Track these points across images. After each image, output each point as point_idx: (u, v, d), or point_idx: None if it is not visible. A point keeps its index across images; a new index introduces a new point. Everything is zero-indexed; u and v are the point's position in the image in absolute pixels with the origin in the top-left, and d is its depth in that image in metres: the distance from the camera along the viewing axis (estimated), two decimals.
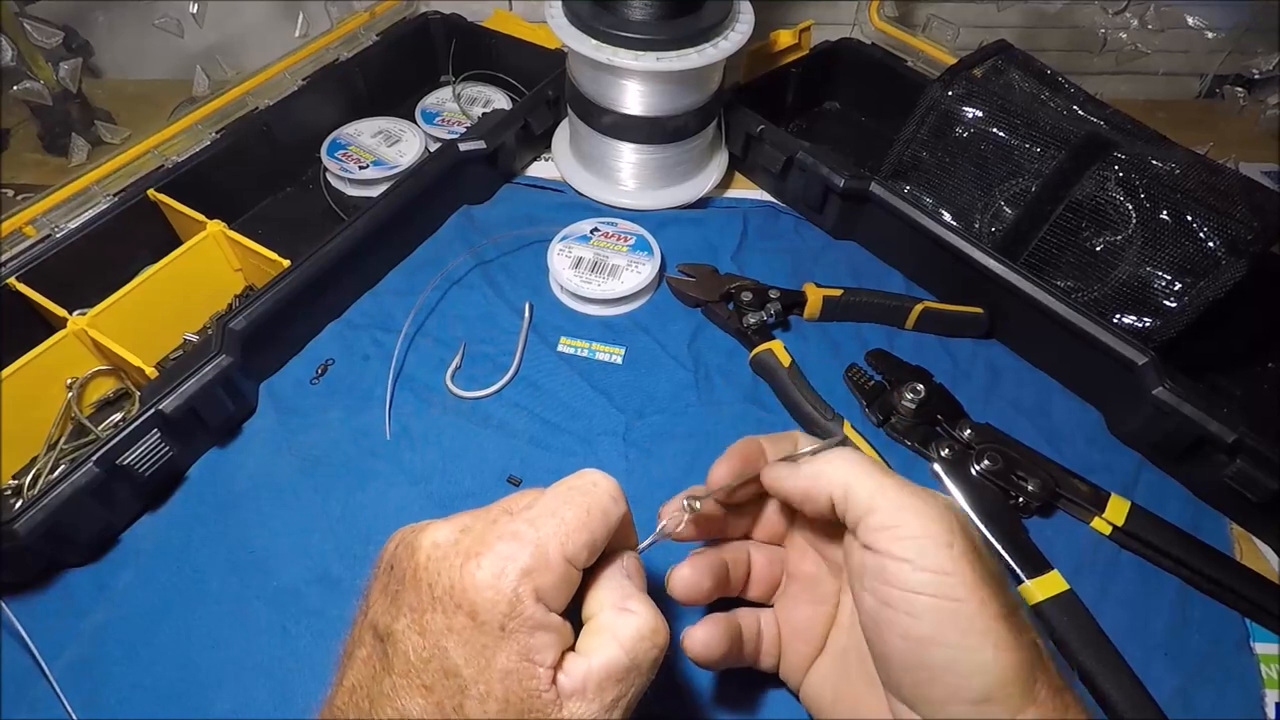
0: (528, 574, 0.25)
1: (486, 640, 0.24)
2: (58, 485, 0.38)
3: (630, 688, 0.26)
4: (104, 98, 0.66)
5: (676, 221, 0.60)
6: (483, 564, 0.25)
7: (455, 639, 0.25)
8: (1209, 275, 0.46)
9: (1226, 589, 0.42)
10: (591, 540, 0.27)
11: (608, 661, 0.26)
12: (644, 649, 0.26)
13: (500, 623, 0.25)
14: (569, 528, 0.26)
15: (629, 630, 0.27)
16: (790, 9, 0.78)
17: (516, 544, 0.25)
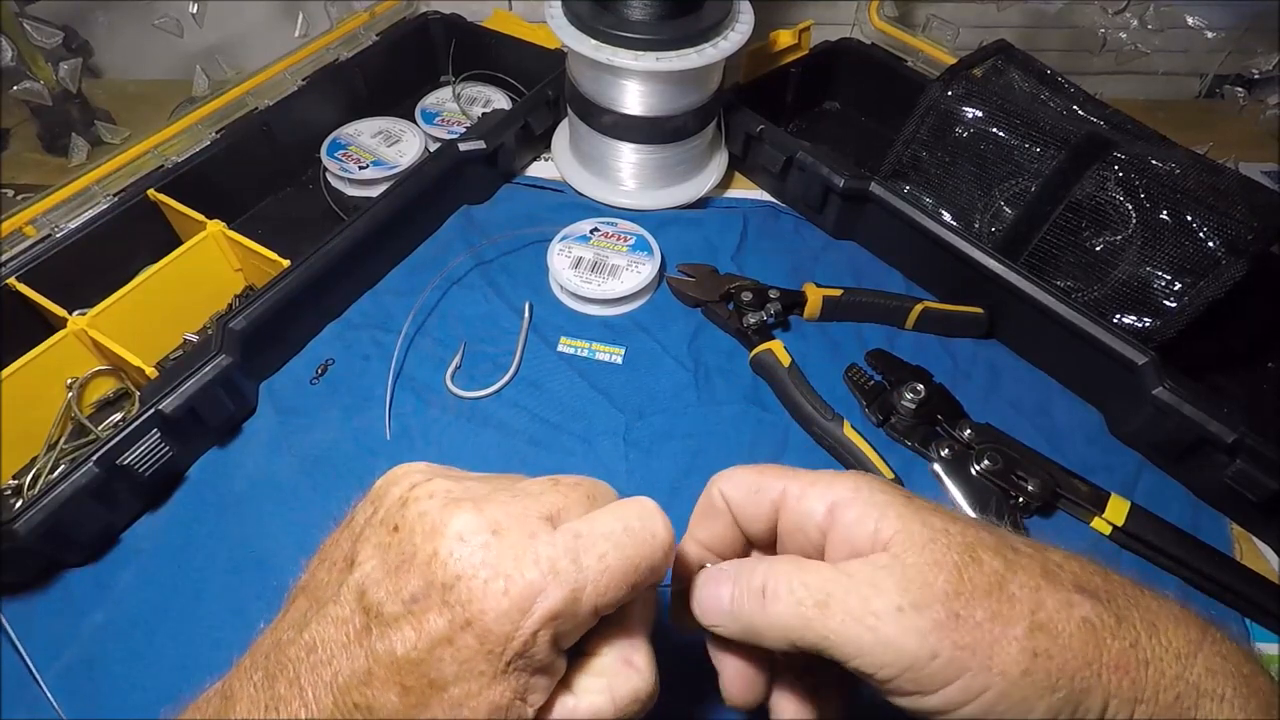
0: (552, 619, 0.23)
1: (486, 669, 0.23)
2: (58, 485, 0.38)
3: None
4: (104, 98, 0.66)
5: (676, 221, 0.60)
6: (510, 591, 0.22)
7: (454, 654, 0.23)
8: (1209, 275, 0.46)
9: (1226, 589, 0.42)
10: (631, 594, 0.25)
11: (594, 713, 0.25)
12: (632, 711, 0.25)
13: (508, 659, 0.23)
14: (611, 578, 0.24)
15: (625, 689, 0.25)
16: (790, 9, 0.78)
17: (553, 580, 0.23)
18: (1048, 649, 0.23)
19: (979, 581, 0.24)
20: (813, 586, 0.25)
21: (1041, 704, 0.23)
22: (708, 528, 0.30)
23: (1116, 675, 0.24)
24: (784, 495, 0.28)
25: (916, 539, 0.25)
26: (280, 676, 0.24)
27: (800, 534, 0.28)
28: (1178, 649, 0.24)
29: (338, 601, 0.24)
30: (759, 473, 0.29)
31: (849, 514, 0.26)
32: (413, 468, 0.26)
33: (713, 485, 0.30)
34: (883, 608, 0.24)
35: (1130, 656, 0.24)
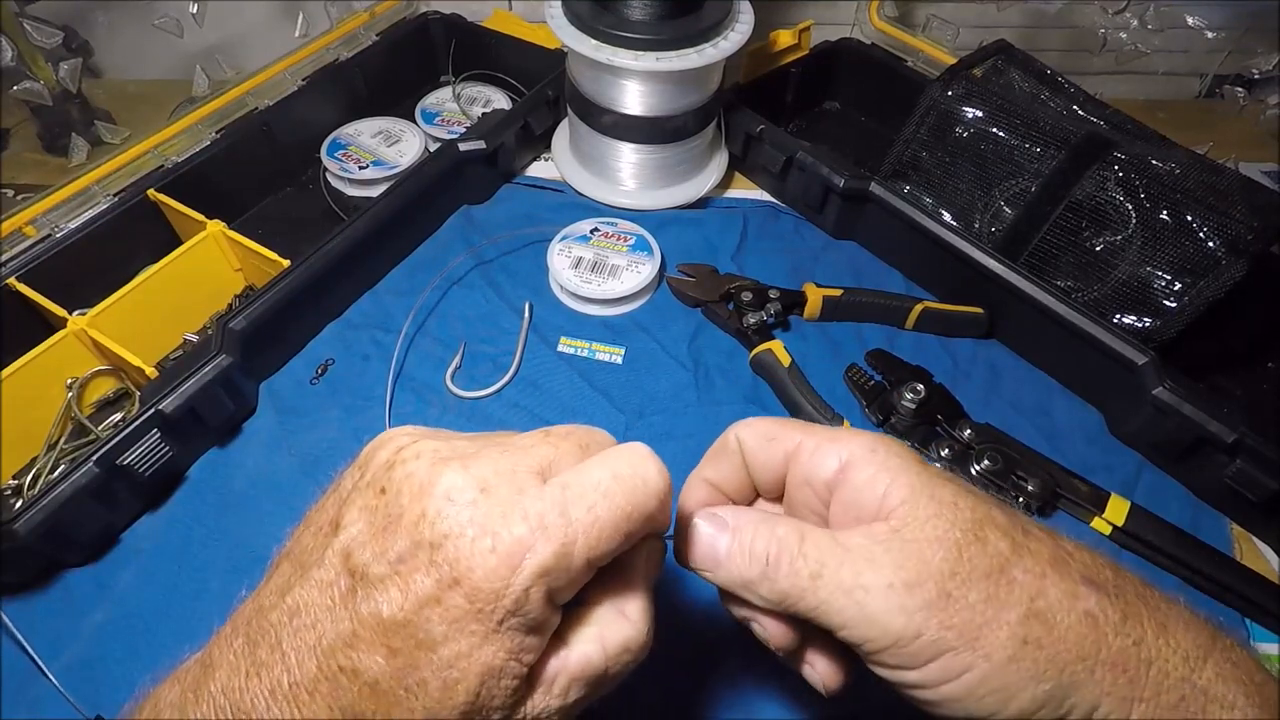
0: (543, 575, 0.22)
1: (476, 628, 0.22)
2: (58, 485, 0.38)
3: (596, 691, 0.25)
4: (104, 98, 0.66)
5: (676, 221, 0.60)
6: (498, 548, 0.22)
7: (442, 614, 0.22)
8: (1209, 275, 0.46)
9: (1226, 589, 0.42)
10: (625, 544, 0.24)
11: (585, 663, 0.24)
12: (623, 661, 0.25)
13: (500, 618, 0.22)
14: (602, 530, 0.23)
15: (616, 639, 0.25)
16: (790, 9, 0.78)
17: (542, 535, 0.22)
18: (1040, 638, 0.23)
19: (979, 562, 0.24)
20: (810, 558, 0.25)
21: (1025, 694, 0.23)
22: (718, 468, 0.30)
23: (1113, 673, 0.23)
24: (798, 447, 0.27)
25: (921, 512, 0.24)
26: (262, 642, 0.23)
27: (808, 488, 0.27)
28: (1186, 651, 0.24)
29: (322, 565, 0.23)
30: (777, 423, 0.29)
31: (860, 474, 0.26)
32: (400, 430, 0.26)
33: (730, 429, 0.30)
34: (873, 583, 0.24)
35: (1132, 655, 0.23)
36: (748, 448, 0.29)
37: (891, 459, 0.26)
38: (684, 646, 0.39)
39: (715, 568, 0.27)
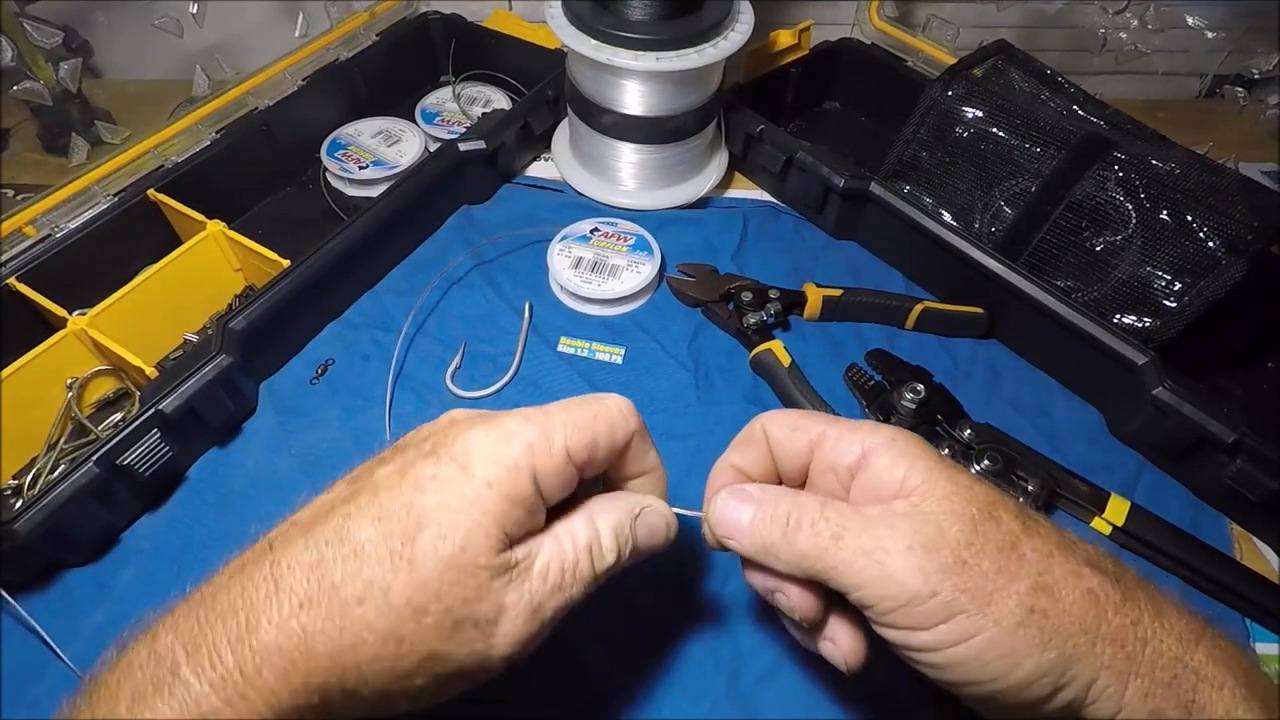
0: (530, 449, 0.27)
1: (468, 491, 0.25)
2: (58, 485, 0.38)
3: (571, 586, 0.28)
4: (104, 98, 0.66)
5: (676, 221, 0.60)
6: (491, 431, 0.27)
7: (437, 485, 0.26)
8: (1209, 275, 0.46)
9: (1226, 589, 0.42)
10: (593, 441, 0.28)
11: (560, 550, 0.28)
12: (585, 564, 0.28)
13: (489, 480, 0.26)
14: (575, 422, 0.28)
15: (583, 538, 0.28)
16: (790, 9, 0.78)
17: (526, 423, 0.27)
18: (1046, 609, 0.24)
19: (993, 536, 0.25)
20: (832, 520, 0.27)
21: (1030, 660, 0.24)
22: (744, 455, 0.32)
23: (1112, 648, 0.25)
24: (821, 437, 0.30)
25: (939, 490, 0.26)
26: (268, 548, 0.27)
27: (831, 474, 0.30)
28: (1180, 633, 0.25)
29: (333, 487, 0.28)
30: (802, 414, 0.31)
31: (881, 460, 0.28)
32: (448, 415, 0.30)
33: (757, 420, 0.32)
34: (893, 545, 0.26)
35: (1130, 633, 0.25)
36: (773, 437, 0.31)
37: (911, 448, 0.28)
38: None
39: (739, 534, 0.30)
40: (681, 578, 0.42)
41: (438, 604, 0.25)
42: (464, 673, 0.26)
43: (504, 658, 0.26)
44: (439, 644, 0.25)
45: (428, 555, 0.25)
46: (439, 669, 0.26)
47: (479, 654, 0.26)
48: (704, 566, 0.42)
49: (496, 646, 0.26)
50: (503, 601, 0.26)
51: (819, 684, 0.38)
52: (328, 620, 0.25)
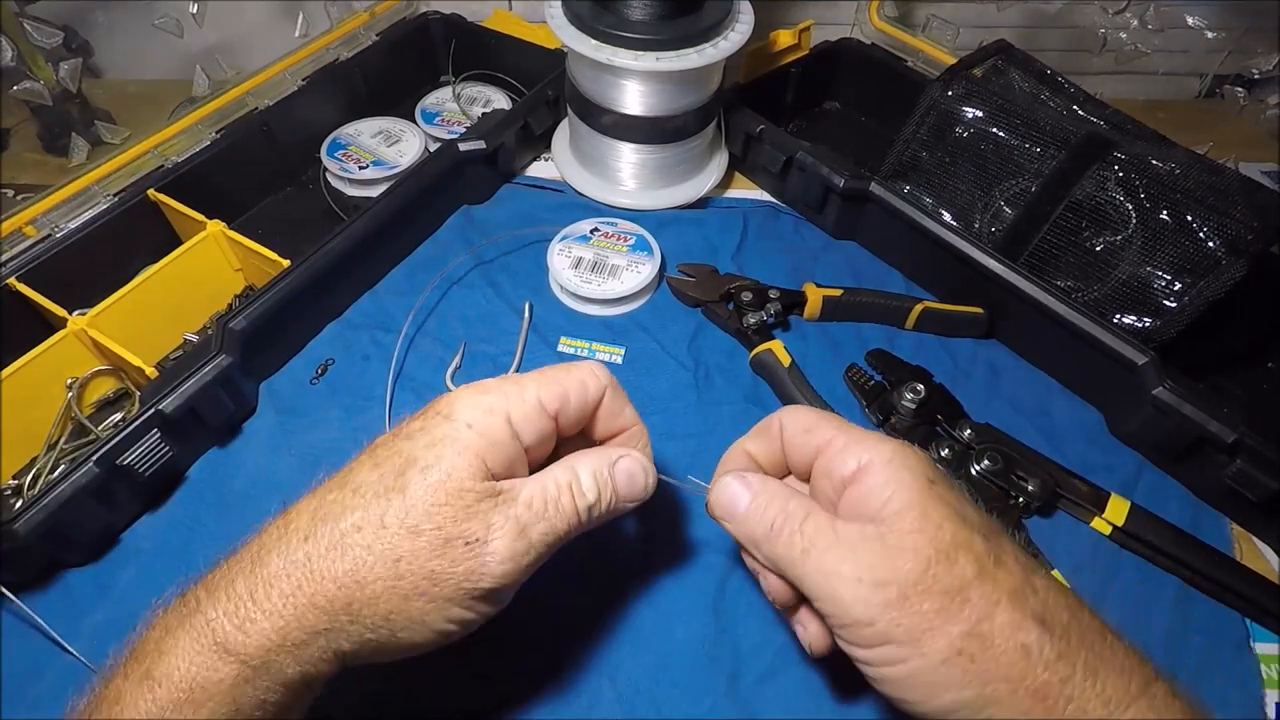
0: (505, 396, 0.30)
1: (449, 431, 0.29)
2: (58, 485, 0.38)
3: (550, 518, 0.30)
4: (104, 98, 0.66)
5: (676, 221, 0.60)
6: (470, 388, 0.31)
7: (424, 432, 0.29)
8: (1209, 275, 0.46)
9: (1226, 589, 0.42)
10: (564, 394, 0.32)
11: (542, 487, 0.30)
12: (566, 499, 0.31)
13: (469, 421, 0.29)
14: (546, 379, 0.32)
15: (564, 478, 0.31)
16: (790, 9, 0.78)
17: (502, 380, 0.31)
18: (974, 653, 0.27)
19: (942, 579, 0.27)
20: (805, 535, 0.30)
21: (948, 694, 0.27)
22: (758, 443, 0.35)
23: (1032, 700, 0.27)
24: (828, 444, 0.32)
25: (908, 523, 0.28)
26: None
27: (827, 480, 0.32)
28: (1109, 696, 0.27)
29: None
30: (818, 417, 0.33)
31: (872, 479, 0.30)
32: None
33: (777, 414, 0.34)
34: (847, 573, 0.28)
35: (1056, 690, 0.27)
36: (786, 434, 0.33)
37: (903, 472, 0.29)
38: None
39: (732, 520, 0.33)
40: (681, 578, 0.42)
41: (429, 523, 0.28)
42: (462, 594, 0.28)
43: (497, 577, 0.29)
44: (434, 561, 0.28)
45: (417, 484, 0.28)
46: (437, 589, 0.28)
47: (473, 572, 0.28)
48: (704, 566, 0.42)
49: (489, 564, 0.28)
50: (490, 521, 0.28)
51: (819, 684, 0.38)
52: (330, 547, 0.28)
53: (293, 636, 0.27)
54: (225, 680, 0.27)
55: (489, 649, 0.39)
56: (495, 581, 0.29)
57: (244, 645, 0.27)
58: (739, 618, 0.40)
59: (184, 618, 0.28)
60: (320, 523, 0.28)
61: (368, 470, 0.29)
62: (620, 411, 0.34)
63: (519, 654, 0.39)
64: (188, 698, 0.26)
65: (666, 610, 0.41)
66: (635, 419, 0.35)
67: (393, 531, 0.28)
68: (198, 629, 0.27)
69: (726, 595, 0.41)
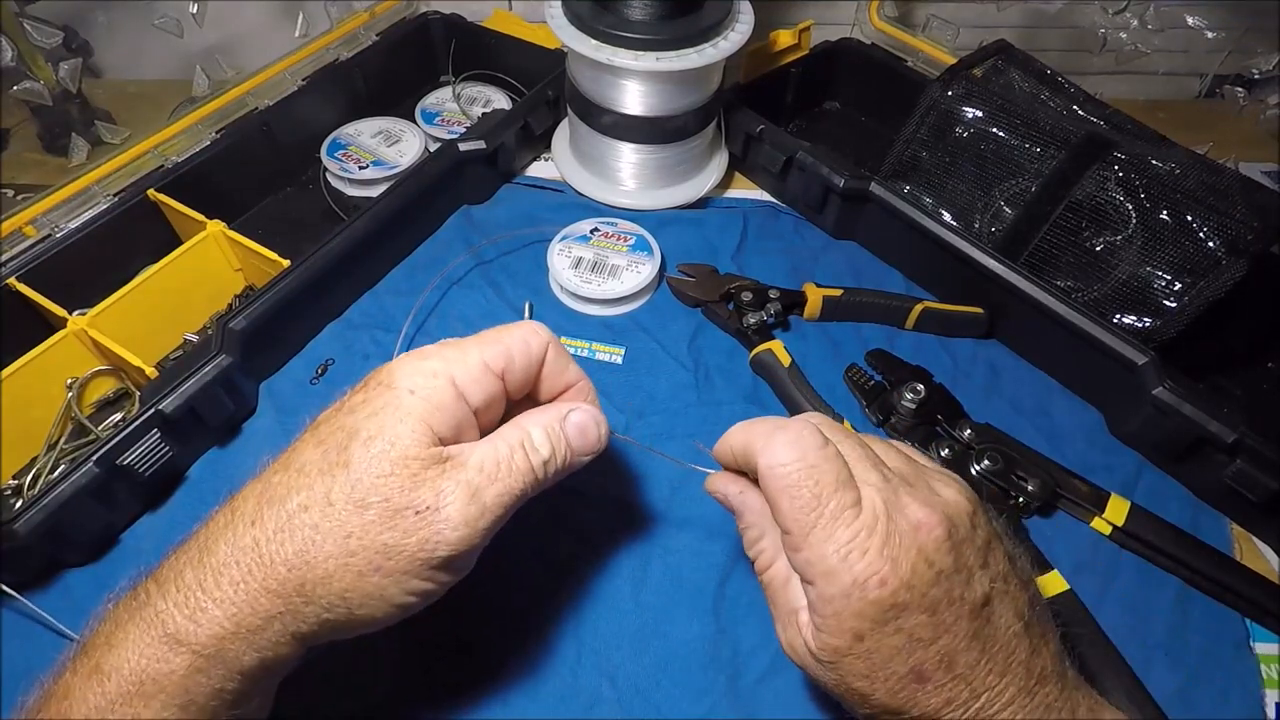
0: (447, 359, 0.30)
1: (391, 399, 0.29)
2: (58, 485, 0.38)
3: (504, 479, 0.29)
4: (104, 98, 0.66)
5: (676, 221, 0.60)
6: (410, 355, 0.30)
7: (366, 403, 0.29)
8: (1209, 275, 0.46)
9: (1226, 589, 0.42)
10: (507, 352, 0.31)
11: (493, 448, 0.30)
12: (519, 458, 0.30)
13: (410, 388, 0.29)
14: (487, 339, 0.32)
15: (515, 437, 0.31)
16: (790, 9, 0.78)
17: (442, 345, 0.31)
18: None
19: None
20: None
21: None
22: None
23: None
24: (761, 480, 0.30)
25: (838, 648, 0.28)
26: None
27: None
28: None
29: None
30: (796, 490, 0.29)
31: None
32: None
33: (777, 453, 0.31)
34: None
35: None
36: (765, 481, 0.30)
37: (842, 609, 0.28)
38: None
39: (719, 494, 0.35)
40: (681, 578, 0.42)
41: (375, 496, 0.27)
42: (418, 565, 0.28)
43: (452, 544, 0.28)
44: (385, 534, 0.27)
45: (360, 457, 0.28)
46: (392, 563, 0.27)
47: (428, 541, 0.27)
48: (704, 566, 0.42)
49: (442, 532, 0.28)
50: (440, 488, 0.28)
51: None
52: (277, 530, 0.27)
53: (246, 623, 0.27)
54: (177, 671, 0.26)
55: (489, 648, 0.39)
56: (451, 549, 0.28)
57: (195, 635, 0.26)
58: (739, 618, 0.40)
59: (134, 611, 0.27)
60: (266, 506, 0.28)
61: (311, 448, 0.29)
62: (564, 368, 0.34)
63: (519, 654, 0.39)
64: (137, 690, 0.26)
65: (666, 610, 0.41)
66: (580, 374, 0.35)
67: (339, 508, 0.27)
68: (147, 621, 0.27)
69: (726, 595, 0.41)
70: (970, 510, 0.29)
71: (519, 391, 0.33)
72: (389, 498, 0.27)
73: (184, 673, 0.26)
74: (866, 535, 0.27)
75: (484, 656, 0.39)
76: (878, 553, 0.27)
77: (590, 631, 0.40)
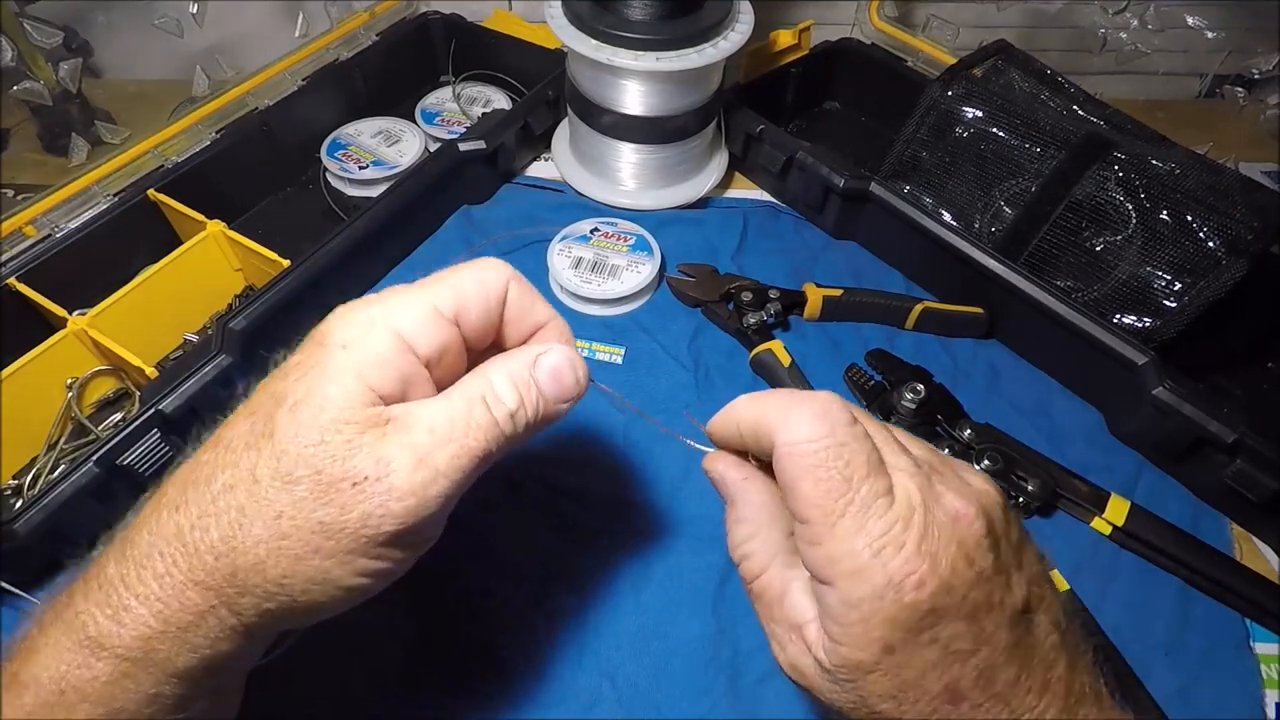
0: (388, 308, 0.26)
1: (322, 358, 0.25)
2: (58, 485, 0.38)
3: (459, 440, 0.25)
4: (104, 98, 0.66)
5: (676, 221, 0.60)
6: (348, 305, 0.27)
7: (298, 366, 0.25)
8: (1209, 275, 0.46)
9: (1226, 589, 0.42)
10: (460, 291, 0.28)
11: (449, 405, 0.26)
12: (480, 412, 0.26)
13: (344, 343, 0.25)
14: (437, 280, 0.28)
15: (475, 389, 0.27)
16: (790, 9, 0.78)
17: (385, 292, 0.27)
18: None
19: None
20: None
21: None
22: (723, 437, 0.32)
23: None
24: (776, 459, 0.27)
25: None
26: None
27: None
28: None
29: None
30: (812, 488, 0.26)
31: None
32: None
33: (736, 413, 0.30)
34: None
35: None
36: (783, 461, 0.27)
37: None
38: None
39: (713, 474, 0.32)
40: (681, 578, 0.42)
41: (305, 469, 0.24)
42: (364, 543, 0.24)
43: (399, 517, 0.24)
44: (319, 511, 0.24)
45: (285, 425, 0.24)
46: (332, 543, 0.24)
47: (370, 516, 0.24)
48: (704, 566, 0.42)
49: (386, 504, 0.24)
50: (381, 455, 0.24)
51: None
52: (200, 515, 0.24)
53: (176, 620, 0.24)
54: (99, 678, 0.24)
55: (489, 648, 0.39)
56: (399, 523, 0.24)
57: (118, 637, 0.24)
58: (739, 618, 0.40)
59: (58, 612, 0.25)
60: (192, 488, 0.25)
61: (241, 420, 0.25)
62: (531, 307, 0.30)
63: (519, 654, 0.39)
64: (58, 701, 0.24)
65: (666, 610, 0.41)
66: (551, 313, 0.31)
67: (265, 485, 0.24)
68: (68, 624, 0.24)
69: (726, 595, 0.41)
70: (1002, 502, 0.26)
71: (481, 339, 0.29)
72: (321, 469, 0.24)
73: (108, 679, 0.24)
74: (902, 528, 0.24)
75: (484, 657, 0.39)
76: (915, 548, 0.23)
77: (590, 631, 0.40)
